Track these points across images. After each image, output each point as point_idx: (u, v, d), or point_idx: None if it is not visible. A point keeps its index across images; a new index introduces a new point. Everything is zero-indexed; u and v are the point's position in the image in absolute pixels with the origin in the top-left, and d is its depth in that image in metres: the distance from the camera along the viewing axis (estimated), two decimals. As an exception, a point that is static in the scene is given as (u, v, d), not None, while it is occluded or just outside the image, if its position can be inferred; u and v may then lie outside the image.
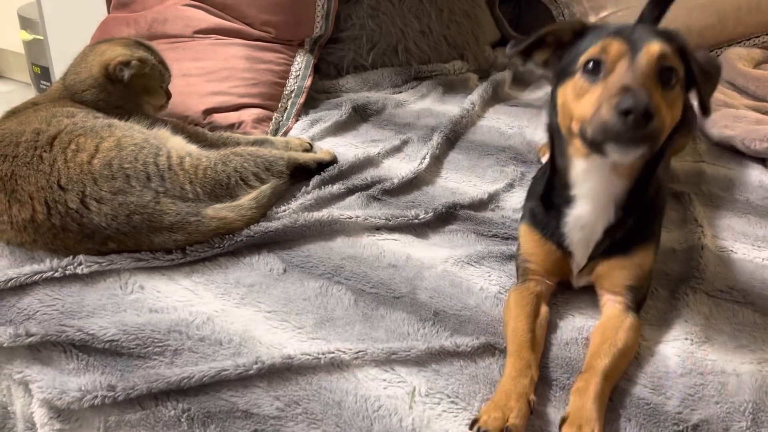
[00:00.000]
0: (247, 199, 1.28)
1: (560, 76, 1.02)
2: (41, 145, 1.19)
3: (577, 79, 0.97)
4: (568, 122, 0.99)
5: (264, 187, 1.32)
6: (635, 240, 1.08)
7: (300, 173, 1.43)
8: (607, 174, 1.02)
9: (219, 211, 1.23)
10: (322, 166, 1.48)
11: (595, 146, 0.93)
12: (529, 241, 1.13)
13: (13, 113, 1.32)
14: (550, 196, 1.11)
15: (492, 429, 0.85)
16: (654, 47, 0.93)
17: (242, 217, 1.24)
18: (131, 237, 1.16)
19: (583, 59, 0.96)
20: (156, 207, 1.16)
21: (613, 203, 1.04)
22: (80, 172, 1.16)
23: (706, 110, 1.04)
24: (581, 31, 1.02)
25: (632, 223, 1.06)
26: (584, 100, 0.95)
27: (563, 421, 0.89)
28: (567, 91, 0.98)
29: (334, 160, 1.51)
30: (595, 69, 0.95)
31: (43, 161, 1.17)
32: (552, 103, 1.05)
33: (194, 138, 1.44)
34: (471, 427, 0.87)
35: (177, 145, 1.36)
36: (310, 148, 1.59)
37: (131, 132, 1.27)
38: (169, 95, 1.51)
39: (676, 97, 0.96)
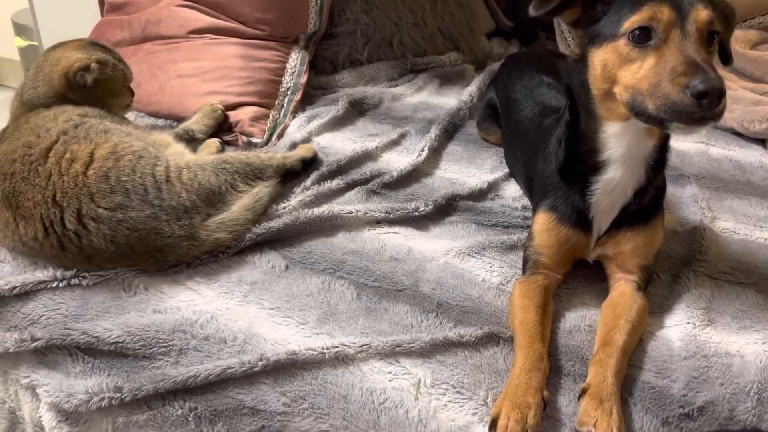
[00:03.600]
0: (241, 210, 1.25)
1: (596, 37, 0.99)
2: (36, 158, 1.16)
3: (622, 45, 0.94)
4: (608, 86, 0.97)
5: (262, 193, 1.30)
6: (651, 211, 1.09)
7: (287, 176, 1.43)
8: (642, 136, 1.01)
9: (213, 233, 1.20)
10: (305, 164, 1.48)
11: (655, 121, 0.91)
12: (544, 231, 1.11)
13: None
14: (569, 166, 1.09)
15: None
16: (702, 14, 0.91)
17: (237, 232, 1.22)
18: (128, 258, 1.15)
19: (628, 25, 0.93)
20: (153, 224, 1.14)
21: (644, 164, 1.04)
22: (75, 186, 1.13)
23: (728, 58, 1.03)
24: None
25: (654, 189, 1.07)
26: (634, 69, 0.93)
27: (583, 391, 0.91)
28: (608, 56, 0.96)
29: (315, 155, 1.52)
30: (644, 36, 0.92)
31: (39, 174, 1.15)
32: (580, 64, 1.03)
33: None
34: (491, 428, 0.87)
35: (176, 151, 1.34)
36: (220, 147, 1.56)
37: (129, 138, 1.24)
38: (132, 93, 1.45)
39: (714, 55, 0.96)
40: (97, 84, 1.33)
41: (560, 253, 1.10)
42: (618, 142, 1.02)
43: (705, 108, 0.85)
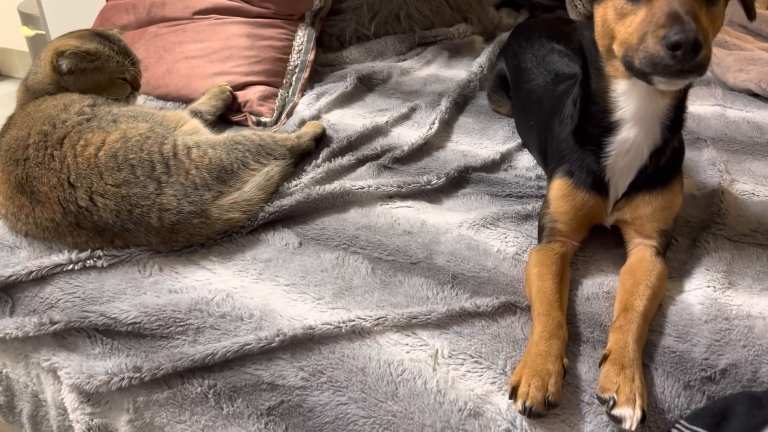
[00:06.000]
0: (254, 189, 1.25)
1: None
2: (51, 144, 1.18)
3: None
4: (609, 42, 0.96)
5: (273, 172, 1.30)
6: (669, 174, 1.07)
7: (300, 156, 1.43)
8: (652, 94, 0.99)
9: (226, 212, 1.19)
10: (316, 141, 1.47)
11: (641, 75, 0.90)
12: (561, 197, 1.10)
13: (7, 127, 1.27)
14: (584, 128, 1.07)
15: (536, 404, 0.84)
16: None
17: (249, 211, 1.22)
18: (134, 235, 1.15)
19: None
20: (157, 199, 1.14)
21: (659, 122, 1.02)
22: (88, 167, 1.15)
23: (751, 13, 1.01)
24: None
25: (671, 152, 1.05)
26: (627, 23, 0.91)
27: (604, 358, 0.90)
28: (608, 11, 0.95)
29: (324, 131, 1.52)
30: None
31: (54, 159, 1.16)
32: (589, 21, 1.01)
33: None
34: (511, 396, 0.87)
35: (192, 128, 1.33)
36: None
37: (136, 122, 1.24)
38: (135, 85, 1.41)
39: (719, 11, 0.93)
40: (82, 73, 1.31)
41: (577, 219, 1.09)
42: (628, 101, 1.00)
43: (680, 60, 0.83)
